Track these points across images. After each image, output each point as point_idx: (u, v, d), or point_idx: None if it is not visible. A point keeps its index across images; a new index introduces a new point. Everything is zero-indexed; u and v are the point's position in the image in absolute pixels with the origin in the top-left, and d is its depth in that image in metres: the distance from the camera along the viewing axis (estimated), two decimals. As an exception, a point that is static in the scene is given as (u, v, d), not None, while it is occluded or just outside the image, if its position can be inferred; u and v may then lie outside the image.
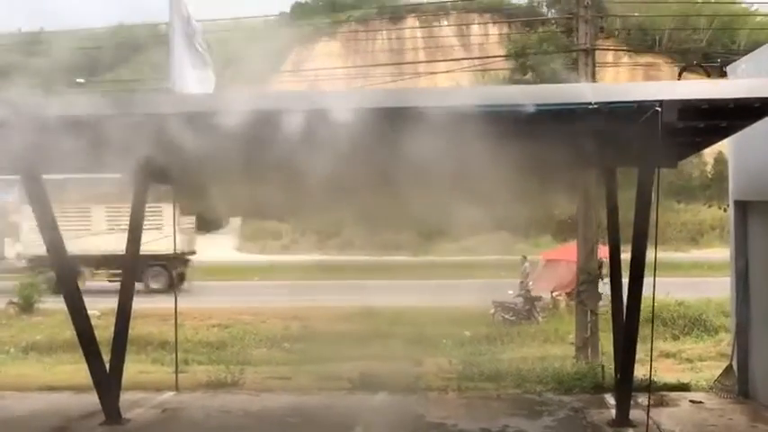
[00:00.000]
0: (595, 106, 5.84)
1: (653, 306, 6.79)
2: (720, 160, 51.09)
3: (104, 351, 11.51)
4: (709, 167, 52.56)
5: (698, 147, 7.96)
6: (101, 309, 18.30)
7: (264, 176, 8.06)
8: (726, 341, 19.66)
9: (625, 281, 8.60)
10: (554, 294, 25.72)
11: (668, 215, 45.78)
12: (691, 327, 21.89)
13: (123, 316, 8.80)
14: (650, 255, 8.33)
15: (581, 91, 5.99)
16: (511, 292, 25.49)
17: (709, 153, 50.55)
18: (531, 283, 25.98)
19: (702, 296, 23.73)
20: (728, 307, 22.29)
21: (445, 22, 68.85)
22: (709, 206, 22.24)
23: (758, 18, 58.20)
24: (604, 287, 13.59)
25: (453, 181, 8.13)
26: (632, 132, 6.39)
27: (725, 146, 11.36)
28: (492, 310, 24.69)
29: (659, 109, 5.72)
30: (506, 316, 24.36)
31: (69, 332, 12.63)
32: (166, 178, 8.54)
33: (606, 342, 13.65)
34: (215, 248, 46.60)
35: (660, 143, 6.03)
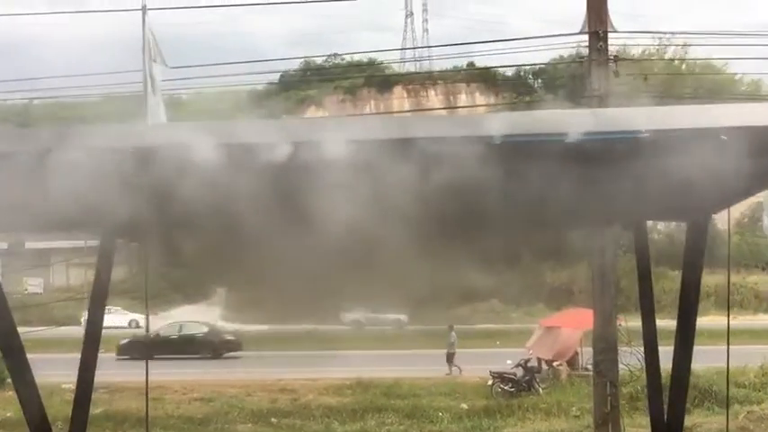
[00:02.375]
0: (646, 135, 4.82)
1: (727, 380, 5.83)
2: (711, 228, 50.58)
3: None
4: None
5: (736, 197, 6.85)
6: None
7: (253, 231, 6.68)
8: (743, 414, 18.62)
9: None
10: (554, 364, 24.60)
11: (662, 282, 45.09)
12: (701, 398, 20.73)
13: (84, 391, 7.64)
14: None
15: (630, 116, 4.99)
16: (509, 362, 24.36)
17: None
18: (530, 351, 24.83)
19: (710, 366, 22.67)
20: (741, 377, 21.42)
21: (433, 92, 69.06)
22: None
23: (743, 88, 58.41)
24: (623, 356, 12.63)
25: (442, 235, 6.96)
26: (682, 170, 5.38)
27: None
28: (490, 381, 23.51)
29: (725, 137, 4.72)
30: (505, 387, 23.18)
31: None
32: (135, 234, 7.44)
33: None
34: (200, 319, 45.29)
35: (722, 183, 5.09)
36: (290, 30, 76.88)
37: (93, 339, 7.52)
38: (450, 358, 26.87)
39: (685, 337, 6.72)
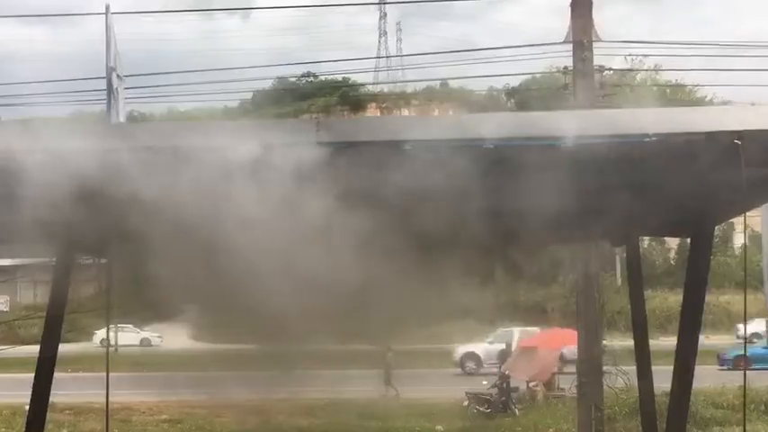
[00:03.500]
0: (653, 139, 4.43)
1: (744, 400, 5.42)
2: (683, 248, 50.74)
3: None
4: (672, 254, 52.22)
5: (746, 206, 6.39)
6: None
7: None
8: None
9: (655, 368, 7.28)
10: (531, 384, 24.21)
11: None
12: (678, 420, 20.41)
13: (38, 412, 7.12)
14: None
15: (638, 118, 4.59)
16: (485, 382, 23.95)
17: (671, 239, 50.26)
18: (506, 372, 24.41)
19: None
20: (719, 398, 21.13)
21: (406, 112, 68.96)
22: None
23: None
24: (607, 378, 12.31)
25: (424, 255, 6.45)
26: (693, 179, 4.98)
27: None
28: (465, 402, 23.06)
29: (738, 142, 4.35)
30: (481, 408, 22.75)
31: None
32: (98, 249, 6.90)
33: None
34: (170, 337, 44.47)
35: (735, 191, 4.71)
36: (264, 47, 76.58)
37: (48, 360, 7.02)
38: (387, 379, 25.75)
39: (686, 357, 6.33)
